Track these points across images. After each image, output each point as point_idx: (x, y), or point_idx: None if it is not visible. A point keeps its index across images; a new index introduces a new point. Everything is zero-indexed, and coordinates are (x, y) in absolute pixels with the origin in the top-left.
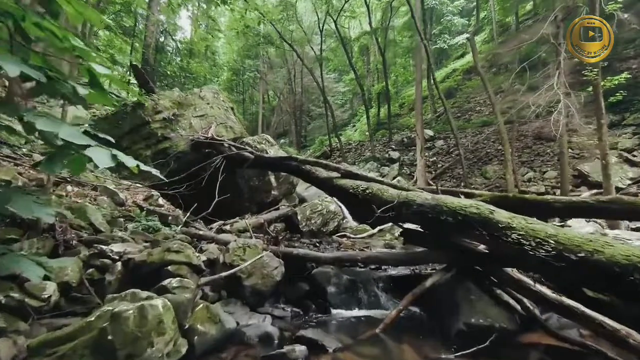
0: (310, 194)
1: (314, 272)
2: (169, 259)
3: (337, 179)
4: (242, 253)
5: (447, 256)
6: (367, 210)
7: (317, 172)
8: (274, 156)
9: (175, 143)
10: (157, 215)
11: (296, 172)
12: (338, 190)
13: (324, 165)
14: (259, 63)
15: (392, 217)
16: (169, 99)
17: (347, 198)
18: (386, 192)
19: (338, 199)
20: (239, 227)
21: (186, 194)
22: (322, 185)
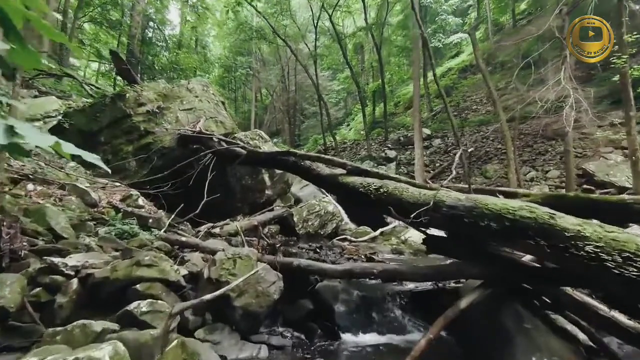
0: (305, 193)
1: (319, 287)
2: (138, 275)
3: (342, 176)
4: (232, 266)
5: (484, 270)
6: (381, 212)
7: (318, 169)
8: (269, 151)
9: (160, 138)
10: (135, 217)
11: (294, 169)
12: (344, 189)
13: (326, 160)
14: (252, 60)
15: (414, 221)
16: (153, 91)
17: (356, 198)
18: (405, 192)
19: (344, 199)
20: (229, 230)
21: (171, 194)
22: (324, 184)
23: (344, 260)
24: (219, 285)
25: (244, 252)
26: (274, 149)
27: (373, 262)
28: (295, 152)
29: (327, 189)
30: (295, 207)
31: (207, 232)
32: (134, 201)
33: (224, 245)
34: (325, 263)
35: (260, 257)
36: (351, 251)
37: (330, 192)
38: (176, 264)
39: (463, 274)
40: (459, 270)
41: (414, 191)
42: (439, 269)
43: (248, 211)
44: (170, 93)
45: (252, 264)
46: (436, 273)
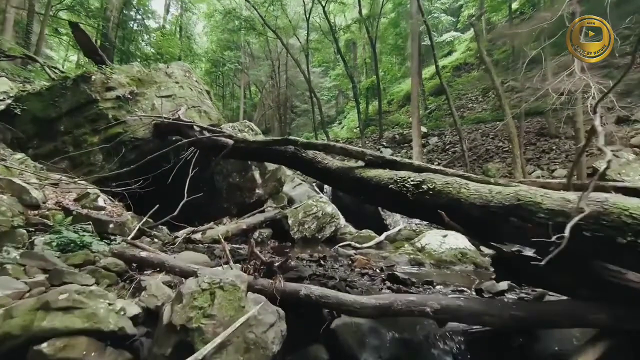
0: (298, 193)
1: (336, 326)
2: (46, 327)
3: (360, 169)
4: (209, 302)
5: (619, 314)
6: (425, 216)
7: (325, 161)
8: (262, 140)
9: (132, 128)
10: (91, 222)
11: (293, 161)
12: (364, 186)
13: (338, 150)
14: (240, 54)
15: (479, 231)
16: (125, 74)
17: (384, 198)
18: (465, 189)
19: (365, 199)
20: (213, 235)
21: (145, 193)
22: (333, 180)
23: (357, 276)
24: (186, 338)
25: (228, 277)
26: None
27: (423, 295)
28: (296, 140)
29: (338, 186)
30: (289, 208)
31: (186, 239)
32: (91, 201)
33: (202, 259)
34: (348, 294)
35: (252, 282)
36: (362, 263)
37: (343, 190)
38: (127, 294)
39: (582, 319)
40: (573, 313)
41: (480, 188)
42: (538, 310)
43: (236, 212)
44: (146, 78)
45: (240, 298)
46: (535, 317)
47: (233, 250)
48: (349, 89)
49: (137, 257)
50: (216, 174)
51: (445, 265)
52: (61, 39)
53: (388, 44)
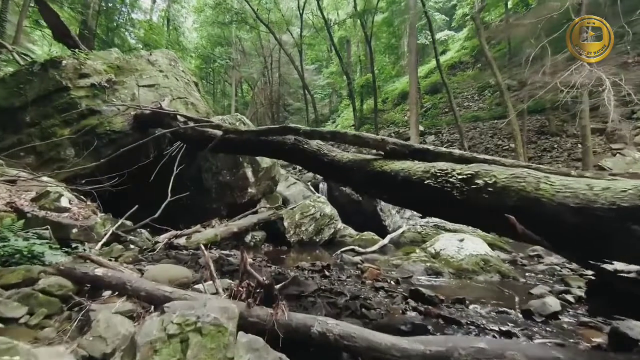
0: (293, 192)
1: None
2: None
3: (380, 161)
4: (178, 356)
5: None
6: (479, 221)
7: (333, 154)
8: (256, 129)
9: (108, 119)
10: (49, 226)
11: (293, 154)
12: (387, 182)
13: (351, 138)
14: (232, 51)
15: (573, 244)
16: (102, 61)
17: (419, 198)
18: (547, 184)
19: (387, 198)
20: (200, 240)
21: (123, 192)
22: (345, 175)
23: (370, 291)
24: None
25: (209, 313)
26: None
27: (496, 341)
28: (297, 128)
29: (349, 183)
30: (285, 209)
31: (168, 244)
32: (52, 201)
33: (181, 274)
34: (382, 333)
35: (244, 312)
36: (374, 274)
37: (356, 189)
38: (71, 330)
39: None
40: None
41: (571, 183)
42: None
43: (226, 214)
44: (126, 65)
45: (226, 345)
46: None
47: (222, 259)
48: (342, 87)
49: (90, 276)
50: (204, 172)
51: (466, 275)
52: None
53: (382, 42)
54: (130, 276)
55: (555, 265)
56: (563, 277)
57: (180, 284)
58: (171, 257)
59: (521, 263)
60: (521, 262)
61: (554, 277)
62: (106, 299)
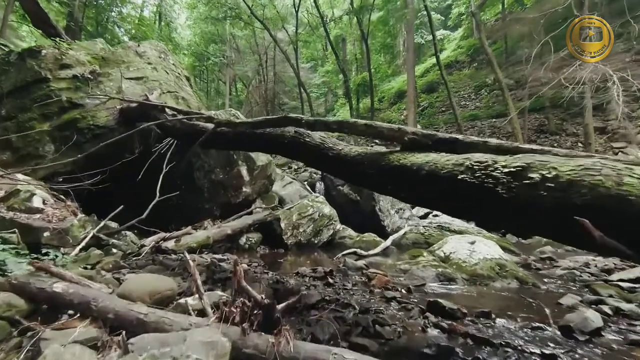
0: (289, 192)
1: None
2: None
3: (397, 154)
4: None
5: None
6: (533, 225)
7: (339, 147)
8: (252, 120)
9: (92, 113)
10: (16, 229)
11: (293, 148)
12: (408, 178)
13: (362, 128)
14: (226, 48)
15: None
16: (86, 51)
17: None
18: (634, 177)
19: (407, 197)
20: (190, 243)
21: (108, 191)
22: (354, 171)
23: (381, 302)
24: None
25: (192, 352)
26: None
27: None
28: (299, 118)
29: (359, 181)
30: (282, 209)
31: (155, 248)
32: (22, 201)
33: (164, 285)
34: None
35: (238, 342)
36: (382, 281)
37: (369, 187)
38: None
39: None
40: None
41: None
42: None
43: (219, 214)
44: (112, 56)
45: None
46: None
47: (213, 264)
48: (338, 87)
49: (48, 293)
50: (196, 170)
51: (482, 281)
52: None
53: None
54: (98, 293)
55: (574, 269)
56: (588, 284)
57: (162, 299)
58: (157, 262)
59: (535, 267)
60: (535, 265)
61: (575, 283)
62: (66, 322)
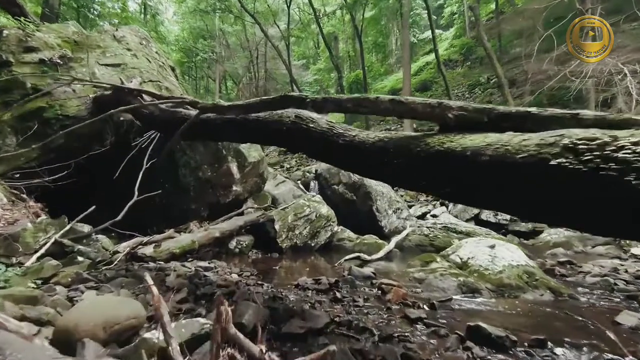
0: (282, 192)
1: None
2: None
3: (433, 137)
4: None
5: None
6: None
7: (352, 133)
8: (243, 103)
9: (61, 102)
10: None
11: (294, 136)
12: (455, 167)
13: (386, 106)
14: (215, 44)
15: None
16: (56, 34)
17: (533, 190)
18: None
19: (456, 193)
20: (172, 248)
21: (82, 190)
22: (370, 161)
23: (404, 324)
24: None
25: None
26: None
27: None
28: (302, 97)
29: (379, 173)
30: (275, 209)
31: (130, 254)
32: None
33: (125, 312)
34: None
35: None
36: (399, 295)
37: (396, 182)
38: None
39: None
40: None
41: None
42: None
43: (207, 215)
44: (86, 40)
45: None
46: None
47: (197, 275)
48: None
49: None
50: (181, 167)
51: (510, 292)
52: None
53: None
54: (6, 338)
55: (605, 276)
56: (632, 295)
57: (123, 331)
58: (131, 273)
59: (559, 273)
60: (559, 272)
61: (614, 292)
62: None
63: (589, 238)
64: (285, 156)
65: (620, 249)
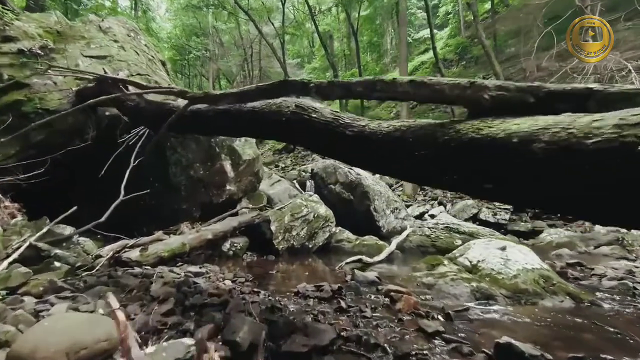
0: (277, 191)
1: None
2: None
3: (464, 123)
4: None
5: None
6: None
7: (361, 123)
8: (237, 91)
9: (41, 95)
10: None
11: (293, 128)
12: (496, 158)
13: (405, 88)
14: (208, 42)
15: None
16: (37, 24)
17: (618, 191)
18: None
19: (498, 191)
20: (160, 252)
21: (63, 189)
22: (385, 154)
23: (420, 339)
24: None
25: None
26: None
27: None
28: (305, 82)
29: (396, 167)
30: (271, 210)
31: (114, 259)
32: None
33: (98, 336)
34: None
35: None
36: (410, 304)
37: (416, 176)
38: None
39: None
40: None
41: None
42: None
43: (199, 216)
44: (69, 31)
45: None
46: None
47: (186, 283)
48: None
49: None
50: (172, 165)
51: (527, 299)
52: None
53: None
54: None
55: (623, 279)
56: None
57: (91, 356)
58: (113, 280)
59: (572, 276)
60: (572, 274)
61: (635, 297)
62: None
63: (591, 238)
64: (280, 155)
65: (624, 249)
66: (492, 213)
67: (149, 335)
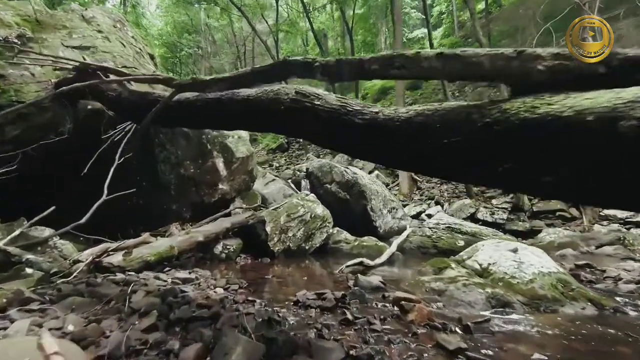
0: (272, 191)
1: None
2: None
3: (515, 102)
4: None
5: None
6: None
7: (371, 109)
8: (230, 75)
9: (17, 87)
10: None
11: (294, 118)
12: (567, 146)
13: (432, 63)
14: (200, 39)
15: None
16: (14, 11)
17: None
18: None
19: (585, 187)
20: (146, 256)
21: (45, 188)
22: (404, 144)
23: (439, 355)
24: None
25: None
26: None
27: None
28: (308, 61)
29: (425, 162)
30: (266, 210)
31: (95, 264)
32: None
33: None
34: None
35: None
36: (424, 314)
37: (444, 169)
38: None
39: None
40: None
41: None
42: None
43: (190, 216)
44: (50, 20)
45: None
46: None
47: (173, 291)
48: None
49: None
50: (161, 163)
51: (547, 306)
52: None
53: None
54: None
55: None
56: None
57: None
58: (89, 289)
59: (586, 279)
60: (585, 277)
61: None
62: None
63: (592, 237)
64: (274, 154)
65: (627, 249)
66: (489, 212)
67: (124, 358)
